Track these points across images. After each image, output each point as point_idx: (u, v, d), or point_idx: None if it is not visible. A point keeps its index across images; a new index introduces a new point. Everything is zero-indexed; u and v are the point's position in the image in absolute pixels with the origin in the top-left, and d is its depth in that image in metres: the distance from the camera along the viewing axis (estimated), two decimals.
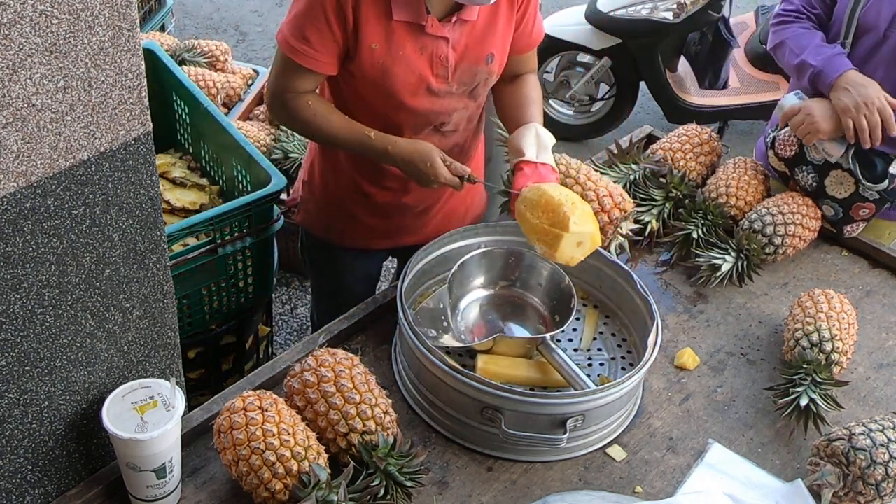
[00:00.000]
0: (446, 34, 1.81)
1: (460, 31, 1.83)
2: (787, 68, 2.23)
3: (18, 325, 1.29)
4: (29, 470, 1.43)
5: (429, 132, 1.94)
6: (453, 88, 1.88)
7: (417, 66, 1.82)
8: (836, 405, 1.74)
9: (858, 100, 1.99)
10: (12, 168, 1.18)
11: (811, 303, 1.88)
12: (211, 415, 1.60)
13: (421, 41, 1.80)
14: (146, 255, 1.43)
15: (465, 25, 1.83)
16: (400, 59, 1.80)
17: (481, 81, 1.92)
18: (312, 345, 1.75)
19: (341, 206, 2.10)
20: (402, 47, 1.79)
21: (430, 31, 1.79)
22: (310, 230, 2.23)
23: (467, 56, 1.86)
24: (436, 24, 1.79)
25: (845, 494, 1.58)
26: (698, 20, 4.07)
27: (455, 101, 1.91)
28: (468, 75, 1.88)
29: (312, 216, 2.19)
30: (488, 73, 1.91)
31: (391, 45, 1.78)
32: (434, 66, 1.83)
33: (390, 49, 1.79)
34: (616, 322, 1.91)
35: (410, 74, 1.82)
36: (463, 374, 1.58)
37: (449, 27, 1.81)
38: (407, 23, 1.78)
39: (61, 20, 1.13)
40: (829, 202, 2.16)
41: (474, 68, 1.88)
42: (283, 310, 3.47)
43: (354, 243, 2.17)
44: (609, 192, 1.99)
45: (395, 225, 2.11)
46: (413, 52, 1.80)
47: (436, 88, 1.86)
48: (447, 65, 1.84)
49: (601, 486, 1.61)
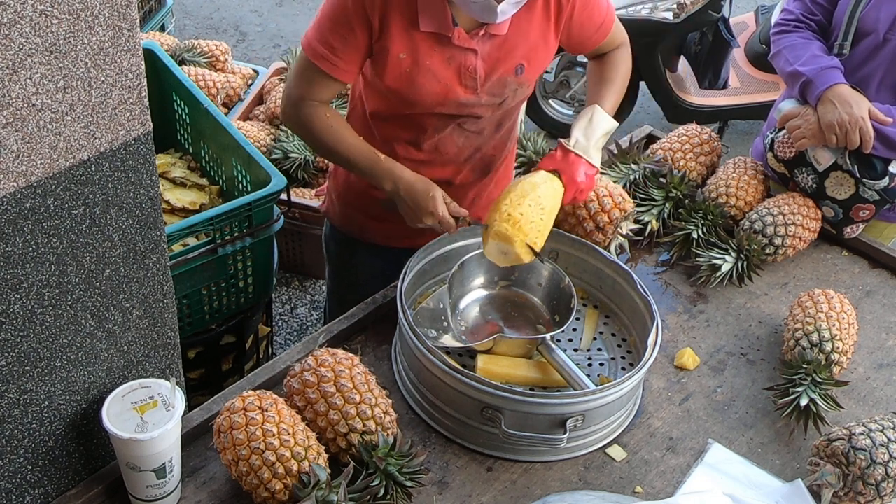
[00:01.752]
0: (474, 46, 1.80)
1: (490, 45, 1.82)
2: (782, 76, 2.24)
3: (18, 325, 1.29)
4: (29, 470, 1.43)
5: (452, 129, 1.94)
6: (482, 99, 1.88)
7: (444, 76, 1.81)
8: (836, 405, 1.74)
9: (844, 117, 2.00)
10: (12, 168, 1.18)
11: (811, 303, 1.88)
12: (211, 415, 1.60)
13: (448, 52, 1.80)
14: (146, 255, 1.43)
15: (494, 39, 1.82)
16: (427, 69, 1.79)
17: (511, 93, 1.91)
18: (312, 345, 1.75)
19: (361, 201, 2.11)
20: (430, 57, 1.79)
21: (458, 42, 1.79)
22: (333, 222, 2.25)
23: (497, 68, 1.85)
24: (463, 35, 1.78)
25: (845, 494, 1.58)
26: (698, 20, 4.07)
27: (482, 109, 1.91)
28: (498, 87, 1.88)
29: (336, 208, 2.20)
30: (518, 84, 1.90)
31: (418, 55, 1.78)
32: (462, 76, 1.83)
33: (417, 59, 1.78)
34: (616, 322, 1.91)
35: (437, 84, 1.81)
36: (463, 374, 1.58)
37: (477, 40, 1.80)
38: (433, 34, 1.77)
39: (61, 20, 1.13)
40: (830, 203, 2.16)
41: (504, 79, 1.87)
42: (283, 310, 3.47)
43: (374, 239, 2.18)
44: (609, 192, 1.99)
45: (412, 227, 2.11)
46: (440, 62, 1.80)
47: (464, 99, 1.86)
48: (476, 76, 1.83)
49: (601, 486, 1.61)
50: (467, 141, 1.97)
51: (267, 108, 3.53)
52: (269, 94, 3.62)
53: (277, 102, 3.47)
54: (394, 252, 2.22)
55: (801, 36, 2.21)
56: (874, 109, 2.02)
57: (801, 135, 2.09)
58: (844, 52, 2.15)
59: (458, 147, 1.98)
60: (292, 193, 3.15)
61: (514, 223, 1.73)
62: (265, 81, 3.67)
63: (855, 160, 2.08)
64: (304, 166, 3.33)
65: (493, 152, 2.06)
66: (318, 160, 3.36)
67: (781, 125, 2.19)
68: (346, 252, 2.26)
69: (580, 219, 1.99)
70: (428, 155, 1.97)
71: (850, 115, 2.00)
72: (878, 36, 2.10)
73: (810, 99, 2.10)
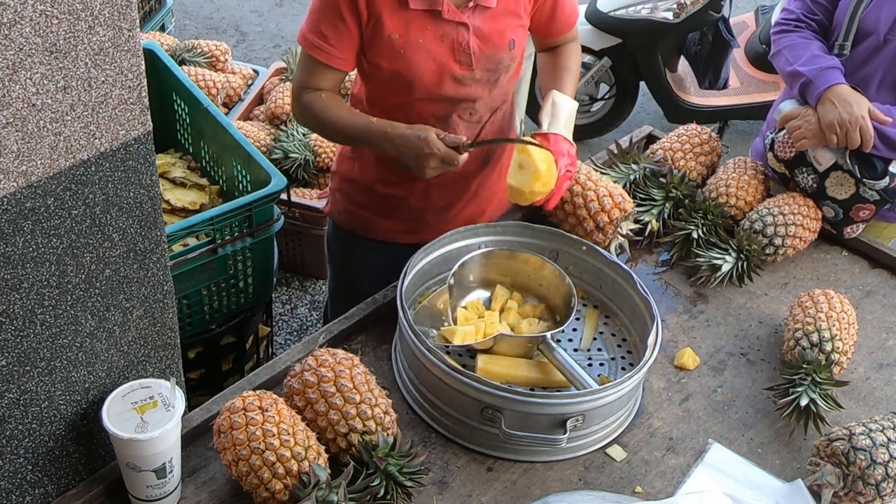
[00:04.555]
0: (465, 20, 1.83)
1: (480, 18, 1.85)
2: (782, 76, 2.24)
3: (18, 325, 1.29)
4: (29, 470, 1.43)
5: (454, 120, 1.96)
6: (477, 75, 1.91)
7: (438, 53, 1.84)
8: (836, 405, 1.74)
9: (844, 116, 2.00)
10: (12, 168, 1.18)
11: (811, 303, 1.88)
12: (211, 415, 1.60)
13: (441, 28, 1.82)
14: (146, 255, 1.43)
15: (485, 12, 1.85)
16: (420, 46, 1.82)
17: (504, 68, 1.94)
18: (312, 345, 1.75)
19: (367, 197, 2.13)
20: (422, 35, 1.82)
21: (448, 16, 1.81)
22: (336, 221, 2.26)
23: (490, 42, 1.88)
24: (453, 9, 1.82)
25: (845, 494, 1.58)
26: (698, 20, 4.07)
27: (479, 88, 1.93)
28: (492, 62, 1.91)
29: (339, 207, 2.22)
30: (511, 59, 1.94)
31: (410, 33, 1.81)
32: (456, 52, 1.85)
33: (410, 38, 1.82)
34: (616, 322, 1.91)
35: (431, 62, 1.84)
36: (463, 374, 1.58)
37: (468, 13, 1.83)
38: (424, 10, 1.80)
39: (61, 20, 1.13)
40: (830, 203, 2.16)
41: (498, 55, 1.90)
42: (283, 310, 3.47)
43: (378, 235, 2.19)
44: (609, 192, 1.99)
45: (416, 220, 2.13)
46: (433, 39, 1.83)
47: (459, 75, 1.88)
48: (469, 51, 1.86)
49: (601, 486, 1.61)
50: (467, 129, 1.98)
51: (267, 108, 3.53)
52: (269, 94, 3.61)
53: (277, 102, 3.47)
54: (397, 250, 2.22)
55: (801, 36, 2.21)
56: (874, 109, 2.02)
57: (801, 135, 2.09)
58: (845, 53, 2.15)
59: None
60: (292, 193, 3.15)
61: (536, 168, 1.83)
62: (265, 81, 3.67)
63: (855, 160, 2.08)
64: (304, 166, 3.33)
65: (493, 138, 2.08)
66: (318, 160, 3.36)
67: (781, 126, 2.19)
68: (348, 251, 2.27)
69: (580, 219, 2.00)
70: None
71: (850, 115, 2.00)
72: (879, 36, 2.10)
73: (810, 99, 2.10)
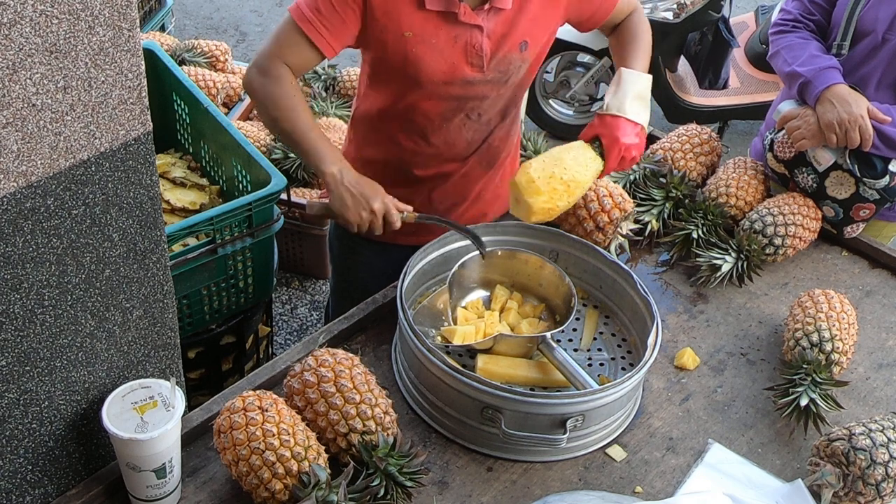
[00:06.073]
0: (480, 22, 1.82)
1: (495, 20, 1.84)
2: (780, 76, 2.24)
3: (18, 325, 1.29)
4: (29, 470, 1.43)
5: (460, 119, 1.95)
6: (488, 77, 1.89)
7: (450, 55, 1.83)
8: (836, 405, 1.74)
9: (843, 115, 2.00)
10: (12, 168, 1.18)
11: (811, 303, 1.88)
12: (211, 415, 1.60)
13: (455, 30, 1.81)
14: (146, 255, 1.43)
15: (499, 14, 1.84)
16: (433, 47, 1.81)
17: (515, 69, 1.93)
18: (312, 345, 1.75)
19: None
20: (436, 36, 1.80)
21: (464, 19, 1.80)
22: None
23: (502, 45, 1.87)
24: (469, 12, 1.80)
25: (845, 494, 1.58)
26: (698, 20, 4.07)
27: (488, 88, 1.92)
28: (503, 63, 1.89)
29: None
30: (522, 60, 1.92)
31: (425, 34, 1.80)
32: (468, 54, 1.84)
33: (423, 38, 1.80)
34: (616, 322, 1.91)
35: (443, 63, 1.83)
36: (463, 374, 1.58)
37: (483, 15, 1.82)
38: (439, 12, 1.79)
39: (61, 20, 1.13)
40: (830, 203, 2.16)
41: (509, 56, 1.89)
42: (283, 310, 3.47)
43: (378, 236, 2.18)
44: (609, 192, 1.99)
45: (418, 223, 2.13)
46: (447, 41, 1.81)
47: (470, 77, 1.87)
48: (482, 54, 1.85)
49: (601, 487, 1.61)
50: (474, 132, 1.98)
51: None
52: None
53: None
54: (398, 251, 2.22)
55: (799, 36, 2.21)
56: (873, 108, 2.02)
57: (800, 136, 2.09)
58: (843, 53, 2.16)
59: (467, 140, 2.00)
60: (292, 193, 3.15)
61: (529, 179, 1.80)
62: None
63: (855, 159, 2.08)
64: (304, 166, 3.33)
65: (498, 143, 2.08)
66: None
67: (781, 126, 2.19)
68: (350, 251, 2.27)
69: (580, 219, 2.00)
70: (437, 148, 1.99)
71: (849, 114, 2.00)
72: (877, 36, 2.10)
73: (809, 99, 2.10)
